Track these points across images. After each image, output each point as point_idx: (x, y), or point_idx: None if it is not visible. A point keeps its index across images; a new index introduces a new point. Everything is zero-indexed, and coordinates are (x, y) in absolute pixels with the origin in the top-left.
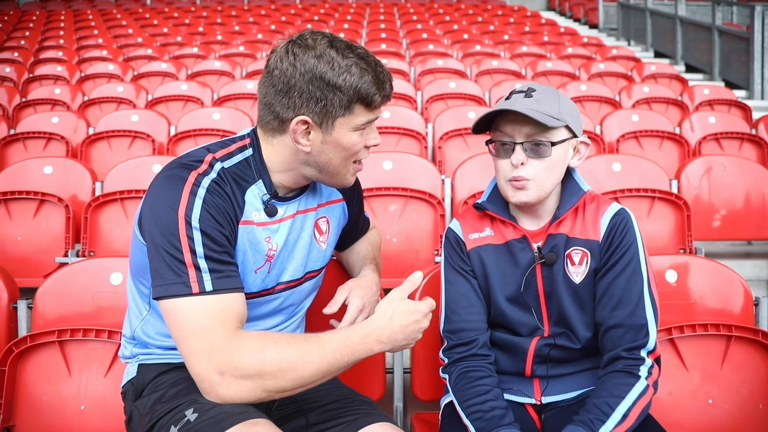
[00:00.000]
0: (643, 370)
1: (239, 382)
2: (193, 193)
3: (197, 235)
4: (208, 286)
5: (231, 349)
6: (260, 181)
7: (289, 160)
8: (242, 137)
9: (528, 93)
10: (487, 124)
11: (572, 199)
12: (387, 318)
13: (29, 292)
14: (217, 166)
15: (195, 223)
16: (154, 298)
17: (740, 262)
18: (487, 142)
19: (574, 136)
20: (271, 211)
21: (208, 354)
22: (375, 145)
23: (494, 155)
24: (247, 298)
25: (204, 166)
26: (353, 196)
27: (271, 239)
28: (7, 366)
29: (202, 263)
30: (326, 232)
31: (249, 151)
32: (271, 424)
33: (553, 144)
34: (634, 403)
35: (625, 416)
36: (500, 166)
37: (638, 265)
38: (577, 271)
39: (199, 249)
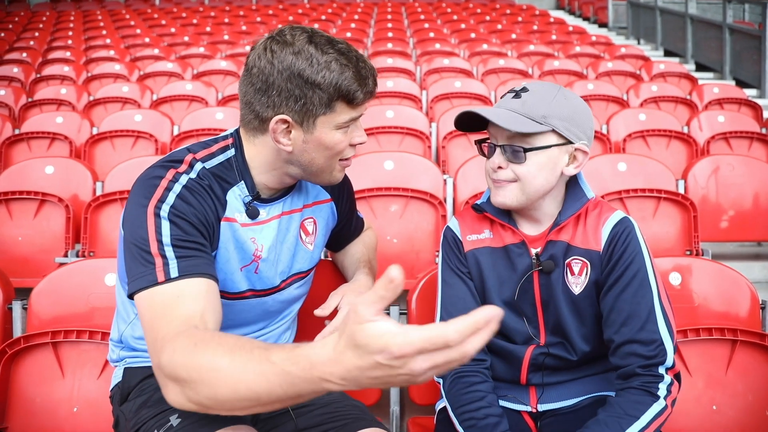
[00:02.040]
0: (662, 389)
1: (168, 384)
2: (168, 189)
3: (165, 225)
4: (174, 272)
5: (166, 345)
6: (242, 182)
7: (272, 159)
8: (225, 137)
9: (518, 94)
10: (481, 122)
11: (575, 206)
12: (332, 351)
13: (29, 293)
14: (198, 166)
15: (163, 213)
16: (128, 297)
17: (749, 264)
18: (476, 142)
19: (569, 142)
20: (252, 214)
21: (152, 348)
22: (360, 143)
23: (482, 154)
24: (234, 298)
25: (183, 166)
26: (342, 196)
27: (256, 240)
28: (0, 367)
29: (169, 251)
30: (313, 233)
31: (231, 152)
32: (252, 430)
33: (527, 150)
34: (648, 425)
35: None
36: (486, 165)
37: (645, 278)
38: (577, 281)
39: (166, 237)
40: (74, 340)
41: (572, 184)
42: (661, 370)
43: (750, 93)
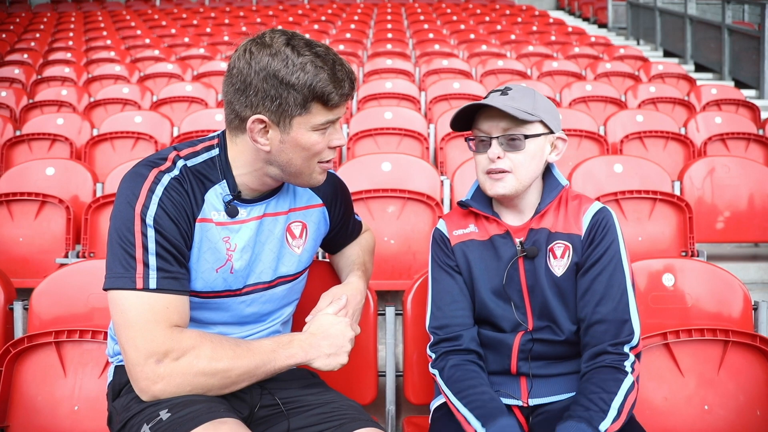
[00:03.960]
0: (628, 366)
1: (173, 366)
2: (151, 191)
3: (151, 233)
4: (152, 284)
5: (172, 340)
6: (224, 181)
7: (252, 159)
8: (211, 138)
9: (504, 91)
10: (468, 123)
11: (552, 194)
12: (308, 329)
13: (30, 293)
14: (180, 163)
15: (149, 220)
16: (103, 289)
17: (745, 265)
18: (467, 139)
19: (551, 132)
20: (231, 212)
21: (149, 342)
22: (339, 146)
23: (473, 150)
24: (211, 297)
25: (167, 164)
26: (335, 201)
27: (230, 239)
28: (4, 366)
29: (152, 260)
30: (301, 237)
31: (215, 151)
32: (239, 423)
33: (526, 137)
34: (625, 399)
35: (619, 412)
36: (479, 160)
37: (620, 262)
38: (559, 264)
39: (152, 246)
40: (76, 340)
41: (547, 174)
42: (626, 348)
43: (749, 94)
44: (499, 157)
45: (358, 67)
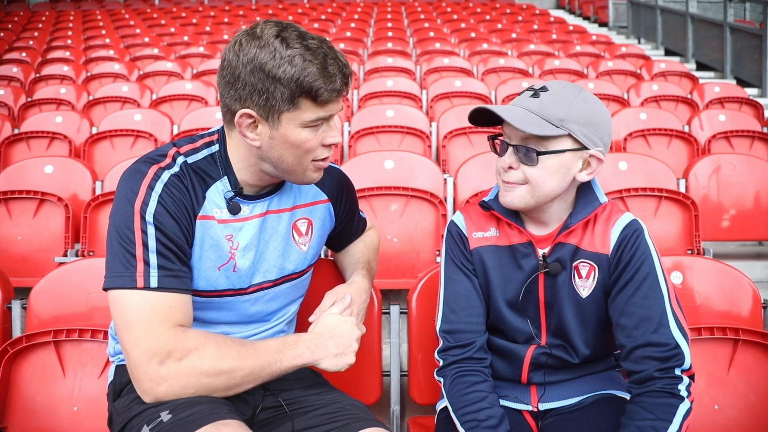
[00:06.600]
0: (683, 390)
1: (176, 366)
2: (151, 187)
3: (151, 230)
4: (153, 283)
5: (175, 340)
6: (225, 177)
7: (246, 155)
8: (211, 133)
9: (537, 93)
10: (498, 120)
11: (586, 210)
12: (313, 329)
13: (29, 292)
14: (180, 160)
15: (149, 217)
16: (103, 289)
17: (751, 263)
18: (490, 137)
19: (584, 147)
20: (233, 209)
21: (152, 342)
22: (333, 144)
23: (494, 152)
24: (214, 296)
25: (167, 161)
26: (341, 197)
27: (233, 237)
28: (2, 366)
29: (153, 258)
30: (307, 234)
31: (215, 147)
32: (242, 425)
33: (540, 153)
34: (680, 428)
35: None
36: (497, 164)
37: (656, 280)
38: (585, 284)
39: (152, 244)
40: (76, 339)
41: (585, 187)
42: (678, 372)
43: (751, 92)
44: (511, 167)
45: (359, 65)
